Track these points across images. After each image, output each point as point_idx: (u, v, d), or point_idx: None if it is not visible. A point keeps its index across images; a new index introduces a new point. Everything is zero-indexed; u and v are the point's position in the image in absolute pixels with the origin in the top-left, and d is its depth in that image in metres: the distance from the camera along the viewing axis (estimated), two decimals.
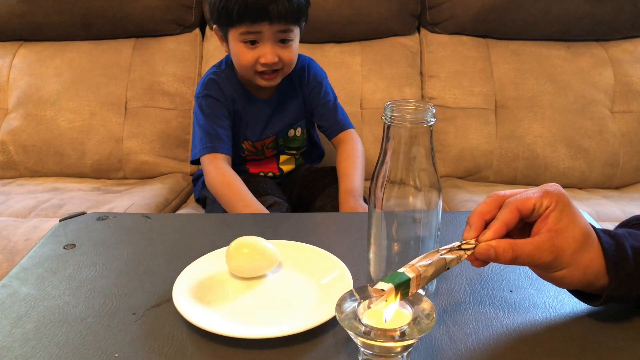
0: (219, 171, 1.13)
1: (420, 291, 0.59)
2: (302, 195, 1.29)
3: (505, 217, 0.51)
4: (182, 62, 1.62)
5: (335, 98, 1.28)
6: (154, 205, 1.33)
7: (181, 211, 1.36)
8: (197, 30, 1.68)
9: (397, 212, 0.57)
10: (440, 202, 0.57)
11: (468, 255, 0.51)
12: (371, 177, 0.57)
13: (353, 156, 1.21)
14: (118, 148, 1.55)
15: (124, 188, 1.46)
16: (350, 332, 0.45)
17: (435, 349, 0.51)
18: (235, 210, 1.06)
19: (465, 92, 1.57)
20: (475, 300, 0.59)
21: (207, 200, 1.29)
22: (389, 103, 0.54)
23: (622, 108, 1.56)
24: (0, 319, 0.57)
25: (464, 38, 1.63)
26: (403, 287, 0.46)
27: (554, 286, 0.61)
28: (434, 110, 0.54)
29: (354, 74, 1.60)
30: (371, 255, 0.60)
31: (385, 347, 0.45)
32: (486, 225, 0.52)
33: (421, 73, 1.63)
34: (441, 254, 0.49)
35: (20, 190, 1.42)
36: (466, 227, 0.52)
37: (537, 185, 0.53)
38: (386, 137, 0.55)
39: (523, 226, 0.52)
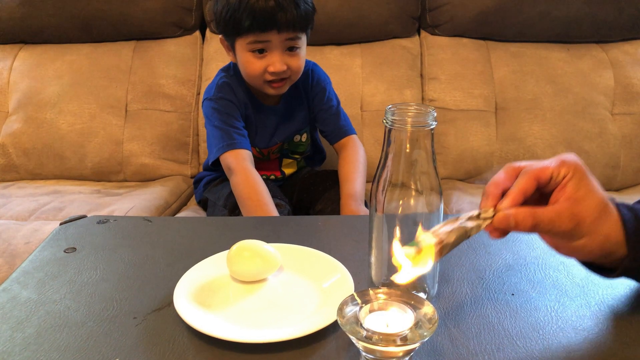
0: (246, 174, 1.09)
1: (422, 295, 0.59)
2: (302, 198, 1.29)
3: (523, 185, 0.50)
4: (182, 65, 1.62)
5: (339, 103, 1.28)
6: (155, 208, 1.33)
7: (182, 214, 1.36)
8: (198, 33, 1.68)
9: (398, 215, 0.57)
10: (442, 206, 0.57)
11: (487, 225, 0.50)
12: (372, 180, 0.57)
13: (355, 161, 1.21)
14: (118, 151, 1.55)
15: (124, 191, 1.46)
16: (351, 337, 0.45)
17: (437, 353, 0.51)
18: (253, 215, 1.06)
19: (466, 94, 1.57)
20: (476, 303, 0.59)
21: (208, 202, 1.29)
22: (390, 107, 0.54)
23: (623, 110, 1.56)
24: (1, 323, 0.56)
25: (464, 40, 1.63)
26: (426, 252, 0.46)
27: (555, 289, 0.61)
28: (435, 114, 0.54)
29: (354, 76, 1.60)
30: (372, 259, 0.60)
31: (387, 352, 0.45)
32: (503, 195, 0.51)
33: (421, 75, 1.63)
34: (461, 222, 0.49)
35: (21, 193, 1.42)
36: (483, 197, 0.52)
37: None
38: (387, 141, 0.55)
39: (539, 197, 0.52)
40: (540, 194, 0.52)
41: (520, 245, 0.72)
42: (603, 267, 0.55)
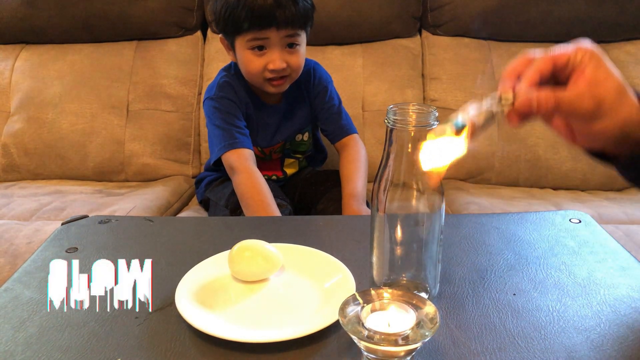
0: (248, 173, 1.10)
1: (423, 294, 0.59)
2: (304, 198, 1.29)
3: (540, 66, 0.50)
4: (183, 65, 1.63)
5: (340, 102, 1.28)
6: (156, 208, 1.33)
7: (183, 214, 1.36)
8: (199, 33, 1.68)
9: (400, 215, 0.57)
10: (443, 205, 0.57)
11: (508, 111, 0.50)
12: (374, 180, 0.57)
13: (357, 160, 1.21)
14: (120, 151, 1.55)
15: (126, 191, 1.46)
16: (353, 337, 0.45)
17: (438, 353, 0.51)
18: (255, 214, 1.06)
19: (467, 94, 1.57)
20: (478, 303, 0.59)
21: (209, 202, 1.29)
22: (391, 106, 0.54)
23: None
24: (3, 323, 0.57)
25: (466, 40, 1.63)
26: (460, 131, 0.47)
27: (557, 289, 0.61)
28: (437, 114, 0.54)
29: (355, 76, 1.60)
30: (374, 259, 0.60)
31: (388, 352, 0.45)
32: None
33: (423, 75, 1.63)
34: (486, 106, 0.49)
35: (23, 193, 1.42)
36: (500, 83, 0.52)
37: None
38: (389, 141, 0.55)
39: (555, 85, 0.51)
40: (556, 83, 0.51)
41: (522, 245, 0.72)
42: (609, 157, 0.54)
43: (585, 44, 0.51)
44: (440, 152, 0.47)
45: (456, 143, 0.47)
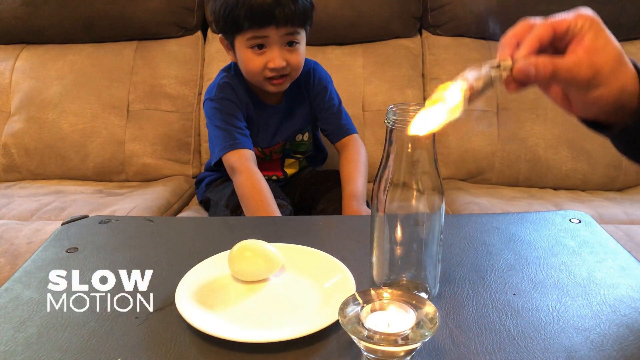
0: (249, 174, 1.10)
1: (423, 294, 0.59)
2: (304, 198, 1.29)
3: (539, 32, 0.50)
4: (184, 65, 1.63)
5: (340, 102, 1.28)
6: (156, 208, 1.33)
7: (183, 214, 1.36)
8: (199, 33, 1.68)
9: (399, 216, 0.57)
10: (443, 206, 0.57)
11: (506, 77, 0.50)
12: (374, 180, 0.57)
13: (357, 161, 1.21)
14: (120, 151, 1.55)
15: (126, 191, 1.46)
16: (353, 337, 0.45)
17: (438, 353, 0.51)
18: (255, 215, 1.06)
19: None
20: (478, 303, 0.59)
21: (210, 202, 1.29)
22: (391, 107, 0.54)
23: None
24: (3, 323, 0.57)
25: (466, 40, 1.63)
26: (459, 96, 0.47)
27: (557, 289, 0.61)
28: None
29: (355, 76, 1.60)
30: (374, 259, 0.60)
31: (388, 352, 0.45)
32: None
33: (423, 75, 1.63)
34: (485, 71, 0.49)
35: (23, 193, 1.42)
36: (499, 49, 0.52)
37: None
38: (389, 141, 0.55)
39: (554, 53, 0.51)
40: (555, 51, 0.51)
41: (522, 245, 0.72)
42: (603, 127, 0.55)
43: (586, 11, 0.51)
44: (438, 115, 0.47)
45: (454, 104, 0.47)
